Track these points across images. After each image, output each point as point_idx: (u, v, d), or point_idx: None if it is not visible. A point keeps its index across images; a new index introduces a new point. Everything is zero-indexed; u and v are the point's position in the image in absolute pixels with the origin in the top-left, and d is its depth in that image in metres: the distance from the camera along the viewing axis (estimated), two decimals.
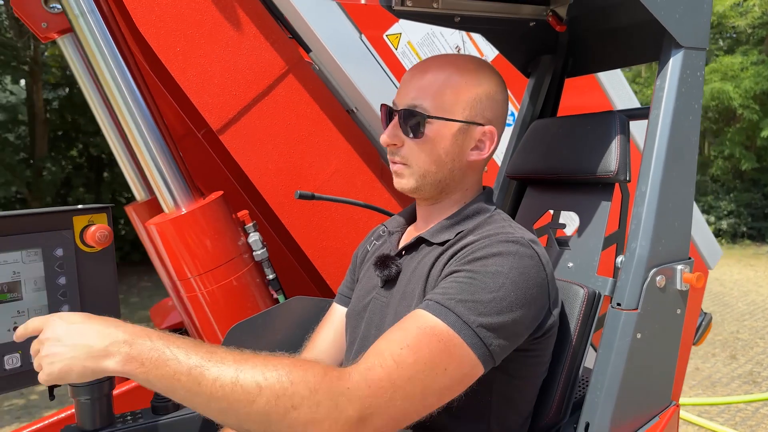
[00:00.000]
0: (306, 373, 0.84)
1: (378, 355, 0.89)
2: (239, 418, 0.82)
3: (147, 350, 0.83)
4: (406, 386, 0.86)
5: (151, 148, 1.68)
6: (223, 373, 0.82)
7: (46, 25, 1.81)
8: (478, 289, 0.95)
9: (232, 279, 1.66)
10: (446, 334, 0.91)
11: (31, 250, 1.11)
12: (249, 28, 1.71)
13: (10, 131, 13.20)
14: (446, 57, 1.17)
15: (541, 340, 1.07)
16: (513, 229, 1.08)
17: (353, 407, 0.83)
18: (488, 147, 1.15)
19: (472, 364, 0.92)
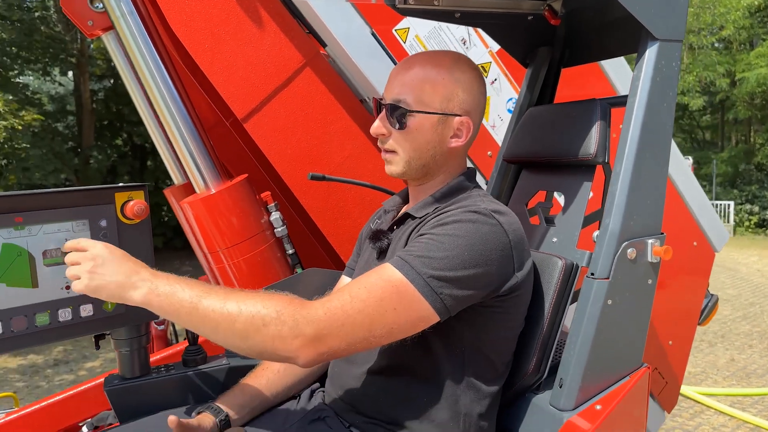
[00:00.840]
0: (276, 301, 1.06)
1: (339, 292, 1.10)
2: (225, 335, 1.06)
3: (162, 286, 1.08)
4: (356, 316, 1.06)
5: (184, 136, 1.88)
6: (213, 301, 1.06)
7: (91, 23, 1.99)
8: (434, 248, 1.12)
9: (255, 253, 1.84)
10: (399, 281, 1.09)
11: (80, 221, 1.31)
12: (270, 25, 1.89)
13: (59, 121, 13.85)
14: (427, 54, 1.33)
15: (506, 299, 1.21)
16: (482, 203, 1.23)
17: (310, 327, 1.03)
18: (465, 135, 1.31)
19: (423, 310, 1.10)
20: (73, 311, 1.31)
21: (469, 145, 1.34)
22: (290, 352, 1.04)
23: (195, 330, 1.11)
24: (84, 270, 1.10)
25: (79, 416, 2.24)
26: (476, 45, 2.02)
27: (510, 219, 1.22)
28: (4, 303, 1.21)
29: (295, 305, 1.06)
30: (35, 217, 1.25)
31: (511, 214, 1.24)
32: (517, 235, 1.20)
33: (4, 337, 1.22)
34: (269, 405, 1.40)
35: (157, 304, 1.08)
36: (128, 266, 1.10)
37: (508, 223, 1.20)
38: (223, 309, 1.04)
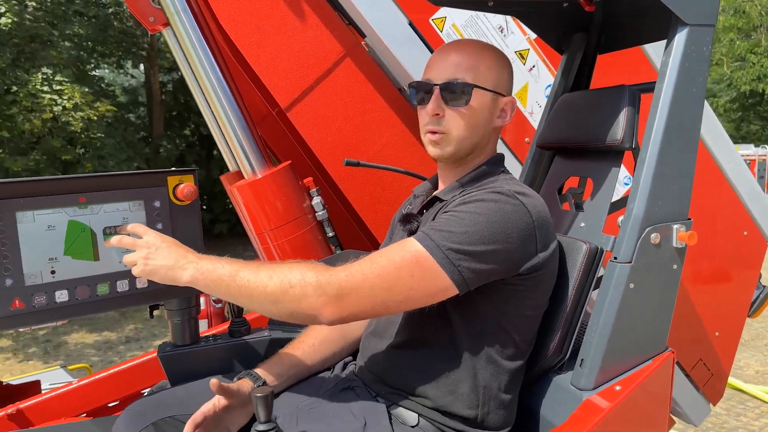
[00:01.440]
0: (301, 265, 1.18)
1: (362, 260, 1.20)
2: (259, 301, 1.17)
3: (204, 265, 1.21)
4: (375, 279, 1.15)
5: (233, 126, 2.01)
6: (247, 273, 1.18)
7: (153, 19, 2.13)
8: (455, 224, 1.19)
9: (297, 235, 1.96)
10: (418, 251, 1.17)
11: (136, 202, 1.45)
12: (311, 18, 1.98)
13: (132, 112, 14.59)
14: (467, 41, 1.41)
15: (527, 278, 1.25)
16: (507, 185, 1.28)
17: (332, 287, 1.13)
18: (509, 114, 1.39)
19: (441, 280, 1.16)
20: (129, 282, 1.46)
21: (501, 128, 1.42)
22: (314, 310, 1.14)
23: (234, 300, 1.23)
24: (140, 256, 1.23)
25: (141, 385, 2.44)
26: (514, 32, 2.03)
27: (534, 201, 1.27)
28: (70, 274, 1.37)
29: (318, 269, 1.16)
30: (97, 198, 1.40)
31: (536, 197, 1.29)
32: (541, 217, 1.25)
33: (69, 304, 1.37)
34: (306, 374, 1.50)
35: (202, 282, 1.20)
36: (178, 251, 1.23)
37: (532, 204, 1.25)
38: (256, 278, 1.16)
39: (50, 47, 9.80)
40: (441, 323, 1.28)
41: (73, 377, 4.42)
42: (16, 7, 8.97)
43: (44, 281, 1.34)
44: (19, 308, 1.31)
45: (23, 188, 1.31)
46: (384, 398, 1.35)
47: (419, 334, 1.32)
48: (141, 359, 2.53)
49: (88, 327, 7.59)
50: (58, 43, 9.99)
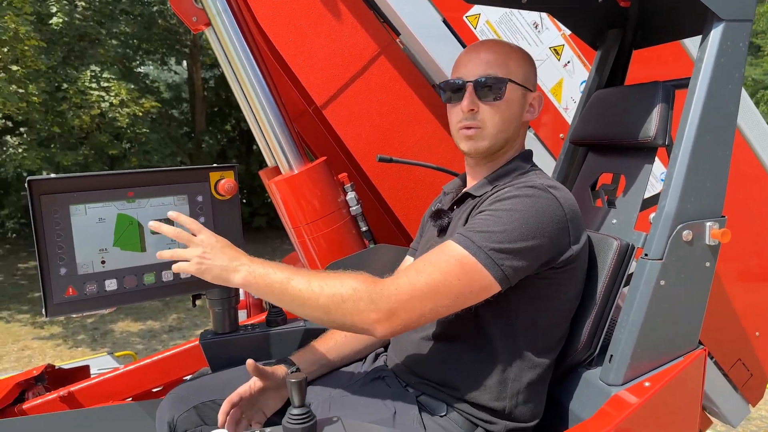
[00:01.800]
0: (352, 279, 1.20)
1: (407, 269, 1.23)
2: (311, 310, 1.21)
3: (258, 269, 1.24)
4: (423, 288, 1.18)
5: (271, 122, 2.07)
6: (299, 282, 1.21)
7: (195, 19, 2.21)
8: (493, 223, 1.22)
9: (332, 229, 2.01)
10: (462, 255, 1.20)
11: (180, 196, 1.53)
12: (347, 17, 2.02)
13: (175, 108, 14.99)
14: (492, 40, 1.45)
15: (561, 271, 1.28)
16: (538, 180, 1.31)
17: (383, 302, 1.17)
18: (537, 109, 1.42)
19: (485, 280, 1.19)
20: (174, 273, 1.54)
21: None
22: (367, 324, 1.18)
23: (285, 307, 1.27)
24: (194, 254, 1.26)
25: (183, 371, 2.55)
26: (548, 28, 2.03)
27: (565, 194, 1.29)
28: (119, 264, 1.45)
29: (368, 283, 1.19)
30: (144, 192, 1.48)
31: (566, 191, 1.31)
32: (572, 210, 1.28)
33: (118, 292, 1.46)
34: (337, 365, 1.56)
35: (254, 285, 1.23)
36: (231, 253, 1.26)
37: (564, 197, 1.28)
38: (308, 288, 1.19)
39: (98, 45, 10.15)
40: (473, 317, 1.31)
41: (119, 363, 4.62)
42: (67, 7, 9.33)
43: (95, 270, 1.43)
44: (73, 295, 1.41)
45: (76, 183, 1.40)
46: (414, 388, 1.39)
47: (451, 328, 1.35)
48: (183, 347, 2.64)
49: (133, 316, 7.87)
50: (105, 41, 10.34)
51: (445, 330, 1.36)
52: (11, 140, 10.06)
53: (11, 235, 13.09)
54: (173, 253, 1.29)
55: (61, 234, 1.38)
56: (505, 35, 2.01)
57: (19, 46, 8.16)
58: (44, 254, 1.36)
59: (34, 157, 9.38)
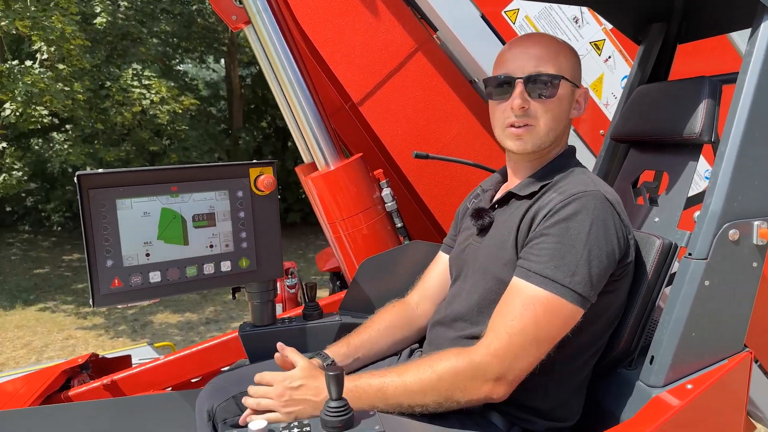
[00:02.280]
0: (446, 363, 1.21)
1: (494, 330, 1.21)
2: (422, 408, 1.22)
3: (349, 391, 1.17)
4: (521, 349, 1.18)
5: (309, 119, 2.09)
6: (397, 388, 1.21)
7: (235, 18, 2.25)
8: (567, 253, 1.19)
9: (367, 224, 2.02)
10: (546, 298, 1.18)
11: (221, 191, 1.56)
12: (384, 13, 2.03)
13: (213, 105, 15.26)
14: (539, 33, 1.41)
15: (618, 278, 1.26)
16: (589, 183, 1.27)
17: (487, 375, 1.18)
18: (583, 105, 1.39)
19: (574, 312, 1.19)
20: (215, 266, 1.57)
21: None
22: (484, 396, 1.20)
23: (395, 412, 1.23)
24: (277, 405, 1.23)
25: (221, 362, 2.61)
26: (589, 23, 2.00)
27: (616, 197, 1.28)
28: (162, 256, 1.50)
29: (464, 360, 1.20)
30: (187, 187, 1.52)
31: (612, 190, 1.30)
32: (623, 211, 1.27)
33: (161, 284, 1.50)
34: (372, 359, 1.56)
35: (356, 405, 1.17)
36: (312, 388, 1.23)
37: (616, 202, 1.26)
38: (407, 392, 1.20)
39: (139, 44, 10.42)
40: None
41: (159, 354, 4.76)
42: (110, 7, 9.60)
43: (140, 263, 1.47)
44: (118, 287, 1.45)
45: (123, 178, 1.45)
46: None
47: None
48: (221, 339, 2.70)
49: (171, 308, 8.08)
50: (146, 40, 10.60)
51: (485, 330, 1.35)
52: (57, 136, 10.42)
53: (57, 228, 13.58)
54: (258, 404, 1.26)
55: (108, 227, 1.43)
56: (544, 30, 1.98)
57: (66, 45, 8.44)
58: (92, 246, 1.41)
59: (78, 152, 9.70)
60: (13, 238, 12.89)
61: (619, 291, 1.31)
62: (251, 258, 1.62)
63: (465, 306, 1.40)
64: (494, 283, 1.32)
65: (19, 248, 12.10)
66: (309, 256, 11.76)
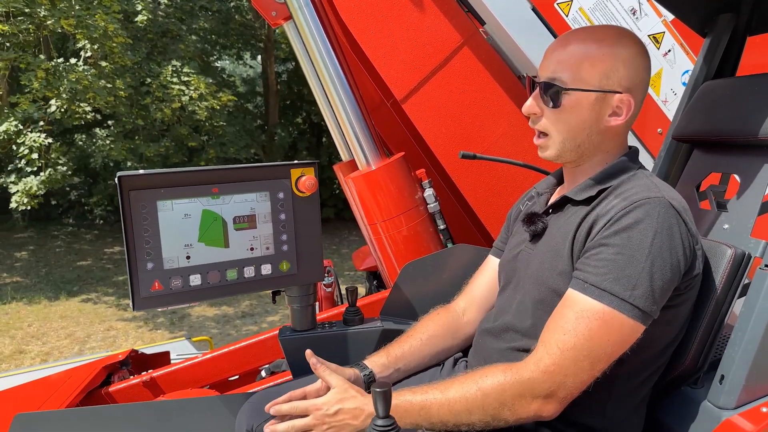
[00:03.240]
0: (492, 379, 1.14)
1: (544, 344, 1.13)
2: (466, 425, 1.16)
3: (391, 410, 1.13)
4: (573, 365, 1.10)
5: (349, 117, 2.04)
6: (440, 408, 1.15)
7: (275, 14, 2.22)
8: (628, 264, 1.09)
9: (409, 226, 1.96)
10: (603, 312, 1.09)
11: (262, 193, 1.52)
12: (430, 7, 1.95)
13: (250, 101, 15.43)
14: (586, 30, 1.28)
15: (683, 292, 1.17)
16: (653, 188, 1.17)
17: (536, 393, 1.11)
18: (625, 114, 1.23)
19: (633, 328, 1.10)
20: (255, 269, 1.53)
21: (629, 124, 1.28)
22: (534, 415, 1.13)
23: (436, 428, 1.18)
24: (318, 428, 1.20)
25: (259, 361, 2.59)
26: (648, 15, 1.88)
27: (684, 205, 1.17)
28: (203, 259, 1.46)
29: (511, 376, 1.13)
30: (228, 189, 1.48)
31: (679, 196, 1.19)
32: (692, 221, 1.17)
33: (202, 287, 1.47)
34: (413, 370, 1.50)
35: None
36: (349, 410, 1.20)
37: (684, 210, 1.16)
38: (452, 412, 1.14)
39: (179, 41, 10.58)
40: None
41: (196, 349, 4.81)
42: (151, 5, 9.76)
43: (180, 265, 1.44)
44: (159, 290, 1.42)
45: (163, 179, 1.42)
46: None
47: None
48: (259, 337, 2.68)
49: (208, 302, 8.20)
50: (185, 37, 10.76)
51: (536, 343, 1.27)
52: (100, 132, 10.68)
53: (99, 221, 13.96)
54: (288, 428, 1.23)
55: (149, 229, 1.40)
56: (599, 23, 1.87)
57: (108, 43, 8.62)
58: (132, 249, 1.38)
59: (120, 148, 9.92)
60: (58, 231, 13.30)
61: (684, 305, 1.21)
62: (292, 261, 1.57)
63: (516, 316, 1.32)
64: (548, 294, 1.24)
65: (64, 241, 12.48)
66: (343, 251, 11.78)
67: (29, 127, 9.02)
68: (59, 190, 11.98)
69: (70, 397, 2.22)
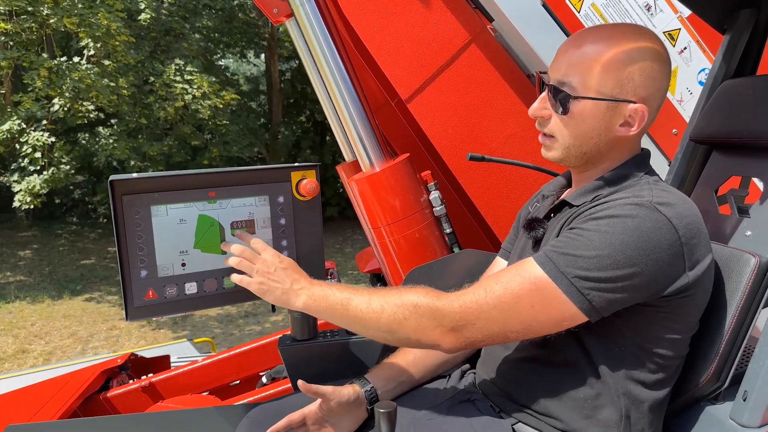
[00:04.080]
0: (414, 293, 1.15)
1: (476, 286, 1.13)
2: (373, 331, 1.18)
3: (317, 292, 1.23)
4: (491, 311, 1.09)
5: (353, 116, 1.97)
6: (360, 301, 1.18)
7: (276, 11, 2.15)
8: (582, 246, 1.05)
9: (414, 230, 1.89)
10: (540, 278, 1.06)
11: (261, 197, 1.46)
12: (436, 3, 1.88)
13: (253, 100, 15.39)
14: (602, 29, 1.19)
15: (674, 299, 1.08)
16: (647, 193, 1.09)
17: (447, 320, 1.10)
18: (637, 124, 1.15)
19: (567, 310, 1.06)
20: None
21: (642, 133, 1.20)
22: (432, 341, 1.13)
23: (348, 328, 1.24)
24: (259, 271, 1.26)
25: (260, 366, 2.54)
26: (663, 10, 1.81)
27: (681, 211, 1.08)
28: (199, 266, 1.40)
29: (430, 297, 1.13)
30: (225, 193, 1.41)
31: (683, 205, 1.10)
32: (690, 230, 1.07)
33: (198, 296, 1.41)
34: (417, 382, 1.43)
35: (314, 308, 1.23)
36: (292, 276, 1.25)
37: (678, 216, 1.07)
38: (368, 308, 1.16)
39: (182, 39, 10.55)
40: (574, 343, 1.16)
41: (198, 351, 4.77)
42: (154, 3, 9.72)
43: (175, 273, 1.38)
44: (153, 299, 1.36)
45: (158, 183, 1.35)
46: (508, 414, 1.25)
47: (551, 351, 1.20)
48: (259, 342, 2.63)
49: None
50: (189, 35, 10.73)
51: (547, 353, 1.21)
52: (103, 131, 10.66)
53: (102, 220, 13.95)
54: (239, 263, 1.28)
55: (142, 235, 1.34)
56: (613, 20, 1.80)
57: (111, 41, 8.59)
58: (125, 256, 1.32)
59: (123, 146, 9.90)
60: (62, 229, 13.30)
61: (678, 313, 1.12)
62: None
63: None
64: None
65: (67, 239, 12.48)
66: (347, 250, 11.73)
67: (32, 125, 9.00)
68: (63, 189, 11.97)
69: (68, 403, 2.17)
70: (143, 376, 2.65)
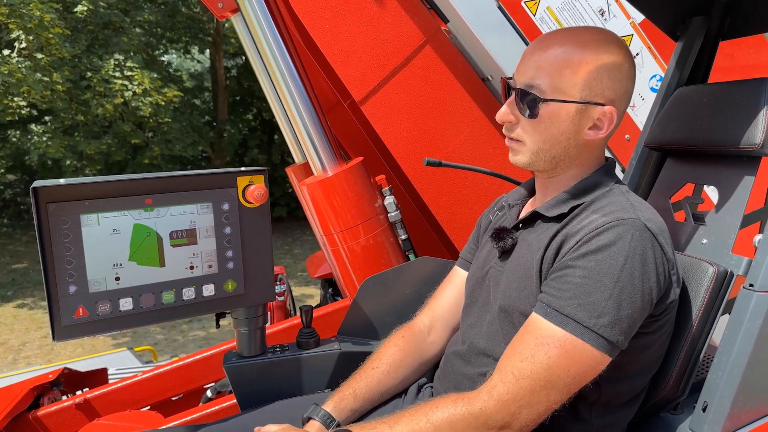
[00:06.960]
0: (442, 410, 1.04)
1: (500, 371, 1.04)
2: None
3: None
4: (529, 395, 1.01)
5: (303, 118, 1.88)
6: None
7: (221, 6, 2.05)
8: (594, 289, 1.00)
9: (368, 237, 1.82)
10: (566, 341, 1.00)
11: (204, 204, 1.35)
12: (390, 2, 1.81)
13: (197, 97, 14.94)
14: (568, 32, 1.16)
15: (658, 318, 1.07)
16: (628, 208, 1.07)
17: (488, 424, 1.02)
18: (606, 127, 1.13)
19: (597, 359, 1.00)
20: (196, 290, 1.36)
21: (609, 136, 1.18)
22: None
23: None
24: None
25: (204, 379, 2.41)
26: (616, 16, 1.80)
27: (660, 226, 1.07)
28: (135, 280, 1.28)
29: (462, 405, 1.04)
30: (163, 200, 1.30)
31: (659, 219, 1.09)
32: (670, 244, 1.07)
33: (133, 312, 1.29)
34: (376, 403, 1.36)
35: None
36: None
37: (661, 232, 1.06)
38: None
39: (122, 34, 10.10)
40: None
41: (139, 360, 4.53)
42: None
43: (108, 288, 1.26)
44: (83, 316, 1.24)
45: (88, 190, 1.23)
46: None
47: None
48: (204, 354, 2.49)
49: None
50: (129, 29, 10.29)
51: None
52: (36, 128, 10.08)
53: None
54: None
55: (71, 247, 1.21)
56: (568, 24, 1.78)
57: (44, 34, 8.12)
58: (51, 271, 1.19)
59: (57, 145, 9.40)
60: None
61: (659, 332, 1.11)
62: (238, 280, 1.41)
63: (487, 339, 1.21)
64: (518, 317, 1.14)
65: None
66: (296, 251, 11.54)
67: None
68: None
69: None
70: (78, 391, 2.48)
